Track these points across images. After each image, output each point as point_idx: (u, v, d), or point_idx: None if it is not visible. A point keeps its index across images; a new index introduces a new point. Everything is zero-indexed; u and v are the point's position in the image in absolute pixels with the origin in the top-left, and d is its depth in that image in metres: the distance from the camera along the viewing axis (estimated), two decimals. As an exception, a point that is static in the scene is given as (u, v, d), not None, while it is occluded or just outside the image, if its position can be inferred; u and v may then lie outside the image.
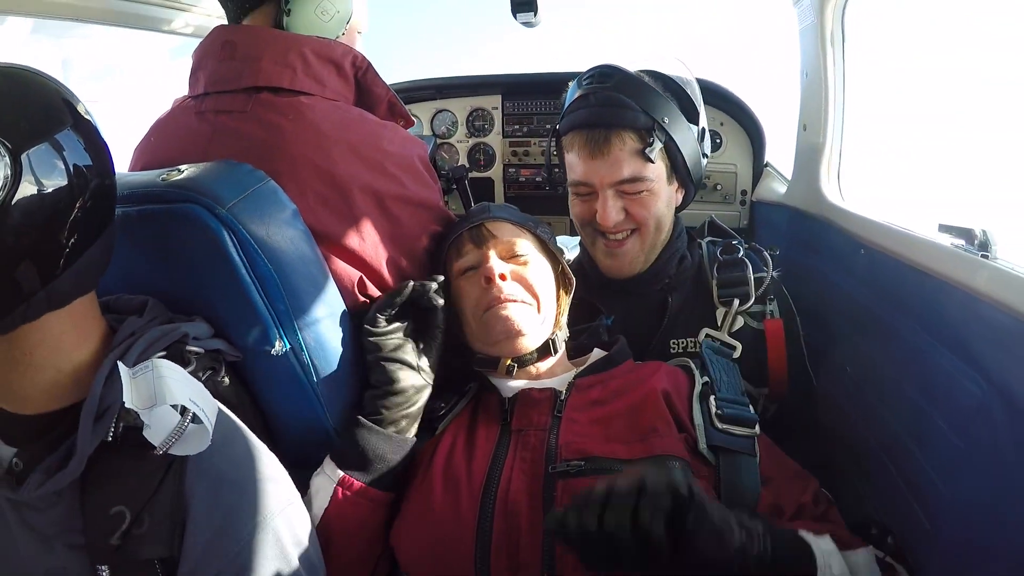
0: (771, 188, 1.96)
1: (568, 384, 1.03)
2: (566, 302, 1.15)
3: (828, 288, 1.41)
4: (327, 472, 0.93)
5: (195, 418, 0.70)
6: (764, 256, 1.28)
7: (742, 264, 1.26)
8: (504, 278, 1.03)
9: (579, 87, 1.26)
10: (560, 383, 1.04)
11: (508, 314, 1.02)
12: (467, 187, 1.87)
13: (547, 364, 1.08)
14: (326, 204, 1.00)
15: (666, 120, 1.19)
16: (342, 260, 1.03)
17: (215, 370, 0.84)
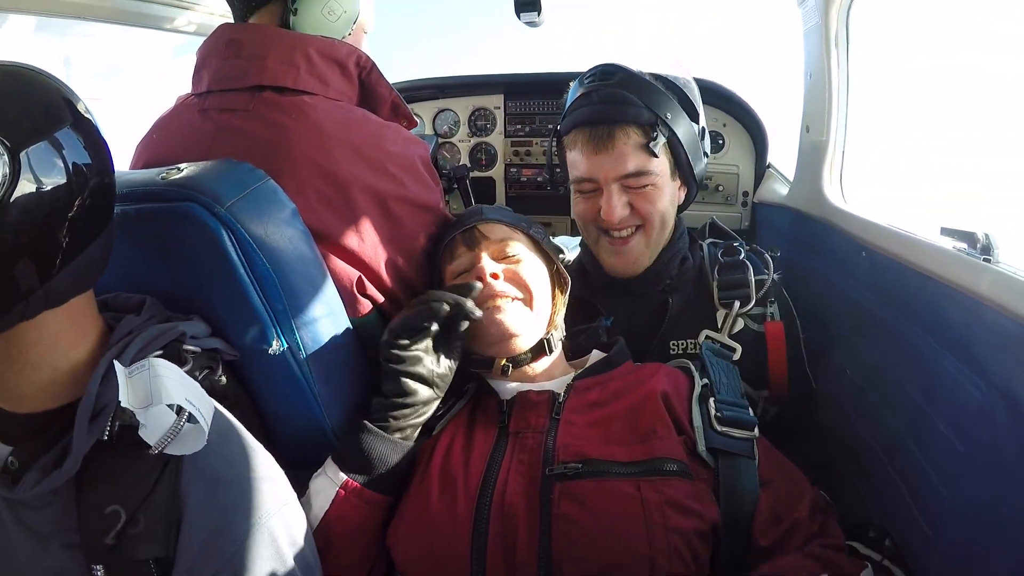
0: (773, 189, 1.95)
1: (567, 386, 1.02)
2: (562, 301, 1.15)
3: (829, 290, 1.40)
4: (329, 474, 0.92)
5: (191, 418, 0.69)
6: (765, 258, 1.28)
7: (743, 266, 1.26)
8: (496, 277, 1.03)
9: (581, 86, 1.26)
10: (558, 385, 1.04)
11: (501, 318, 1.01)
12: (468, 187, 1.87)
13: (543, 364, 1.08)
14: (327, 204, 1.00)
15: (668, 116, 1.19)
16: (341, 260, 1.03)
17: (212, 369, 0.84)
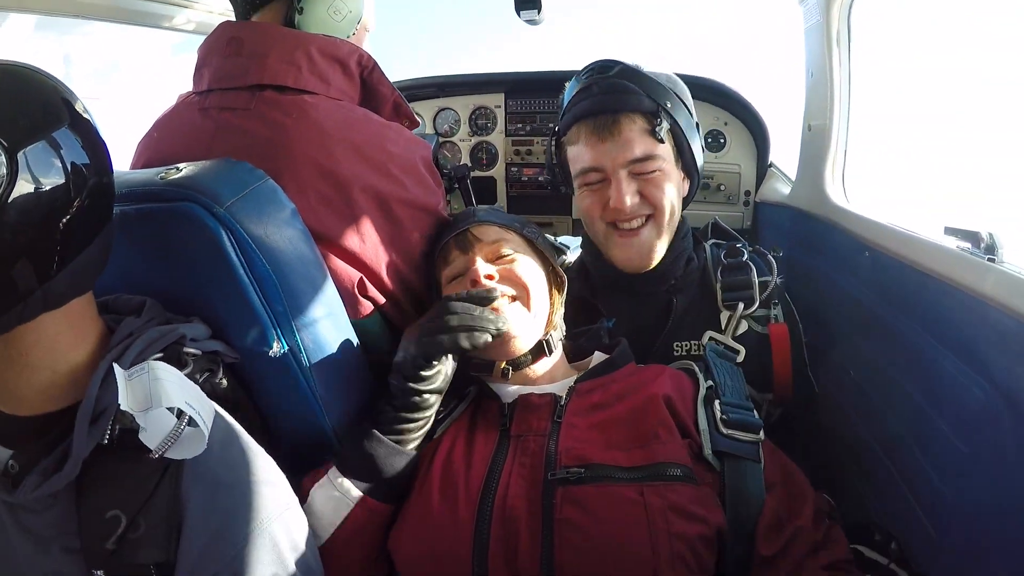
0: (775, 189, 1.95)
1: (568, 389, 1.01)
2: (559, 300, 1.14)
3: (832, 290, 1.40)
4: (340, 490, 0.90)
5: (191, 421, 0.69)
6: (768, 260, 1.27)
7: (746, 268, 1.25)
8: (491, 278, 1.02)
9: (579, 82, 1.25)
10: (560, 388, 1.03)
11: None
12: (469, 186, 1.87)
13: (544, 366, 1.07)
14: (328, 204, 1.00)
15: (669, 105, 1.20)
16: (342, 261, 1.02)
17: (213, 372, 0.83)
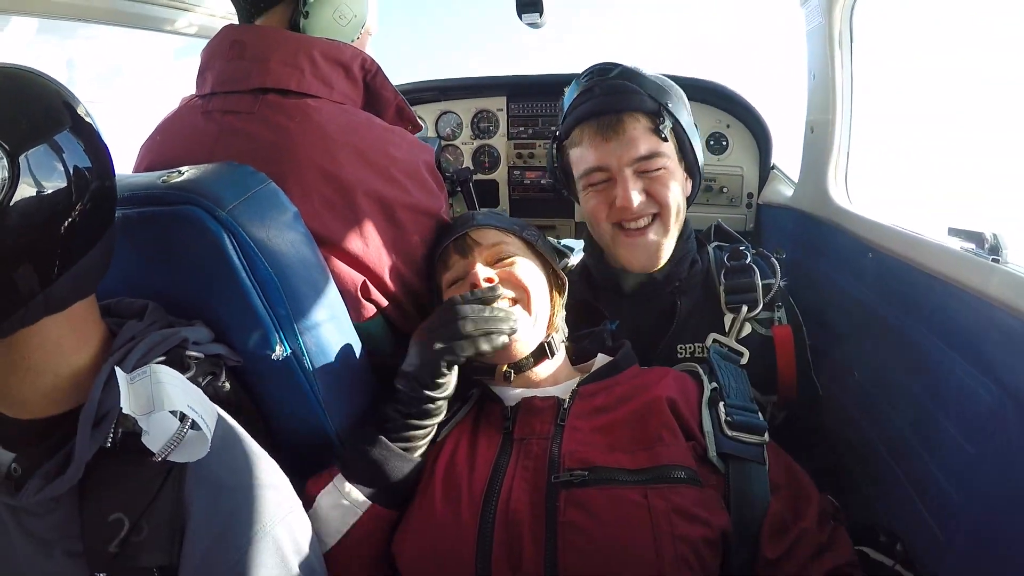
0: (778, 191, 1.94)
1: (572, 392, 1.01)
2: (560, 302, 1.14)
3: (835, 292, 1.39)
4: (349, 499, 0.89)
5: (194, 424, 0.68)
6: (772, 262, 1.27)
7: (750, 270, 1.25)
8: (491, 281, 1.02)
9: (580, 85, 1.25)
10: (563, 391, 1.02)
11: None
12: (471, 189, 1.87)
13: (546, 369, 1.07)
14: (331, 208, 1.00)
15: (670, 105, 1.20)
16: (345, 264, 1.02)
17: (215, 375, 0.83)
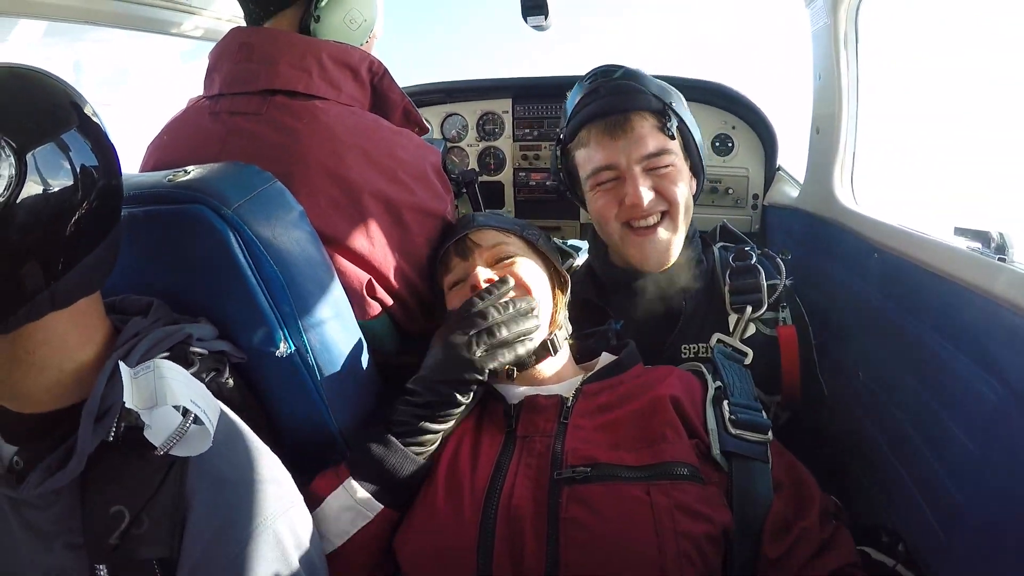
0: (783, 192, 1.94)
1: (575, 390, 1.01)
2: (562, 300, 1.14)
3: (841, 292, 1.39)
4: (361, 504, 0.89)
5: (196, 420, 0.69)
6: (777, 262, 1.27)
7: (755, 271, 1.25)
8: (492, 282, 1.02)
9: (583, 87, 1.26)
10: (567, 389, 1.02)
11: None
12: (477, 191, 1.87)
13: (550, 367, 1.06)
14: (337, 208, 1.00)
15: (673, 104, 1.22)
16: (351, 263, 1.03)
17: (219, 371, 0.84)
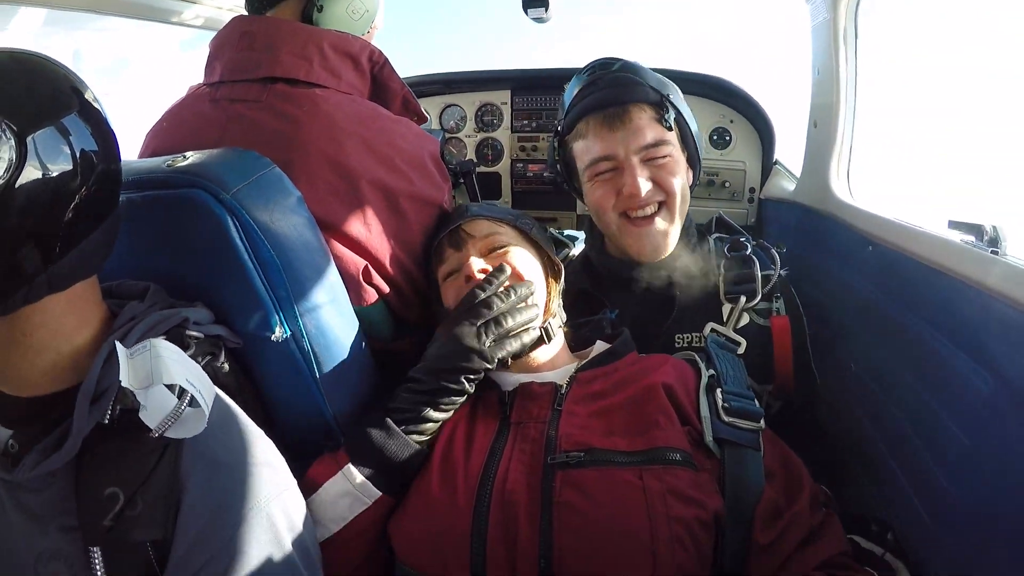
0: (780, 186, 1.94)
1: (569, 378, 1.02)
2: (556, 289, 1.15)
3: (836, 285, 1.40)
4: (360, 490, 0.90)
5: (192, 402, 0.69)
6: (772, 254, 1.27)
7: (749, 261, 1.26)
8: (486, 272, 1.03)
9: (581, 79, 1.27)
10: (561, 376, 1.03)
11: None
12: (475, 182, 1.87)
13: (544, 354, 1.07)
14: (335, 194, 1.01)
15: (671, 96, 1.23)
16: (348, 248, 1.03)
17: (215, 355, 0.84)
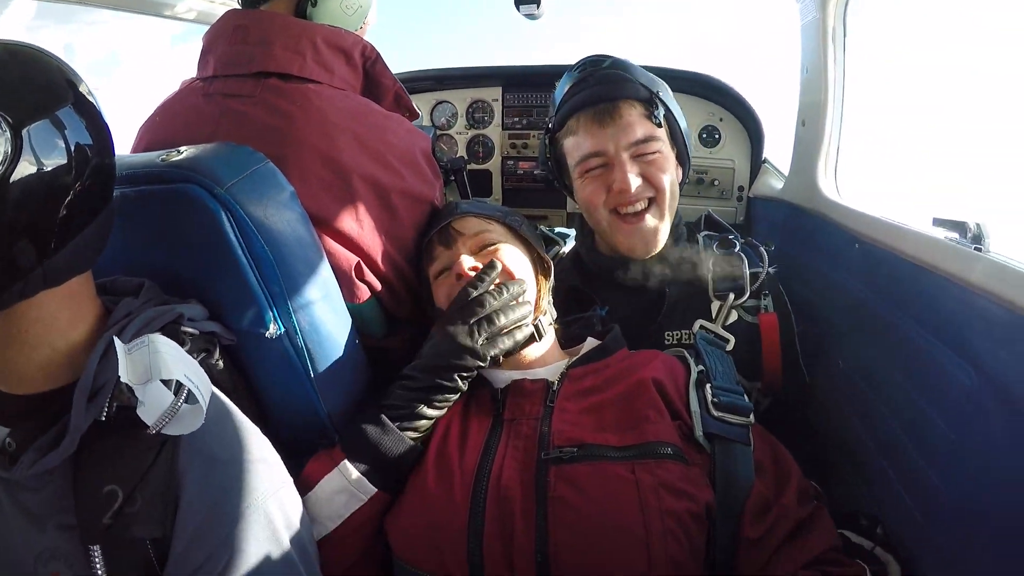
0: (768, 184, 1.96)
1: (561, 374, 1.03)
2: (546, 285, 1.15)
3: (824, 283, 1.41)
4: (356, 486, 0.90)
5: (189, 398, 0.69)
6: (760, 251, 1.29)
7: (738, 259, 1.27)
8: (476, 270, 1.04)
9: (572, 76, 1.28)
10: (552, 372, 1.04)
11: None
12: (465, 179, 1.88)
13: (535, 351, 1.07)
14: (328, 190, 1.01)
15: (660, 93, 1.24)
16: (340, 245, 1.03)
17: (209, 352, 0.84)
